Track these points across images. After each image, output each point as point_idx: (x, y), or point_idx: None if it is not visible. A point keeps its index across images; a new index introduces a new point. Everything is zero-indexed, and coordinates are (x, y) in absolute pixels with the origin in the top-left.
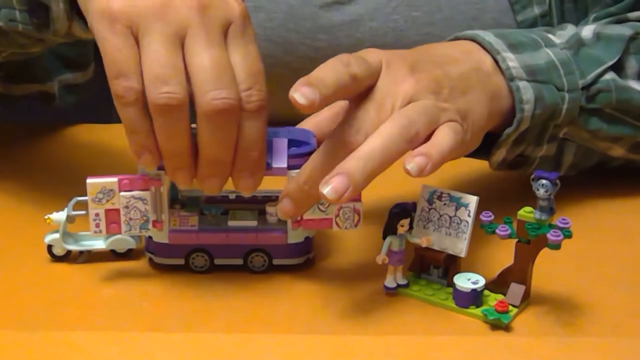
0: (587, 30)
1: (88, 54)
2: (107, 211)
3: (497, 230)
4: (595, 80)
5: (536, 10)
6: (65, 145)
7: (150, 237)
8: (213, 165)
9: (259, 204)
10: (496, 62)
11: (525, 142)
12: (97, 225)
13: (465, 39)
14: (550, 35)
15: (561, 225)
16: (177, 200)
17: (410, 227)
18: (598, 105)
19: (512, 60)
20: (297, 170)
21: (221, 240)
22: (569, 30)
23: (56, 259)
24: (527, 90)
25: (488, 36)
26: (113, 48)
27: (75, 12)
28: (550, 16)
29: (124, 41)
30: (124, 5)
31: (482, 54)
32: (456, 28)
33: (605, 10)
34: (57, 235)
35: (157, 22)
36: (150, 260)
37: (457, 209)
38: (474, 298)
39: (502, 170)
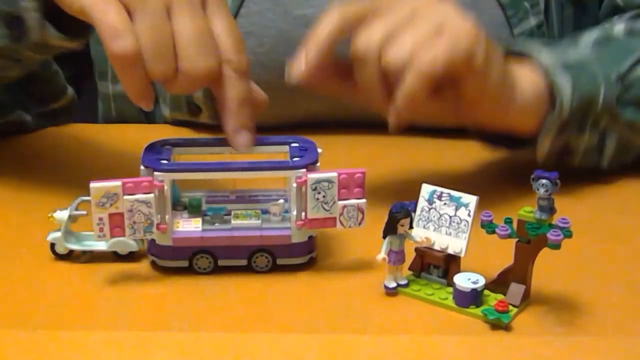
0: (618, 28)
1: (59, 87)
2: (110, 215)
3: (497, 230)
4: (629, 70)
5: (532, 22)
6: (70, 145)
7: (152, 240)
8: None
9: (261, 204)
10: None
11: (568, 130)
12: (101, 230)
13: None
14: (575, 44)
15: (561, 225)
16: (180, 202)
17: (410, 227)
18: (633, 96)
19: (546, 55)
20: (302, 170)
21: (225, 241)
22: (593, 33)
23: (59, 257)
24: (563, 77)
25: (519, 42)
26: (106, 15)
27: (48, 20)
28: (547, 25)
29: (115, 8)
30: None
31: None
32: None
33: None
34: (59, 234)
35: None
36: (153, 263)
37: (457, 209)
38: (474, 298)
39: (549, 163)
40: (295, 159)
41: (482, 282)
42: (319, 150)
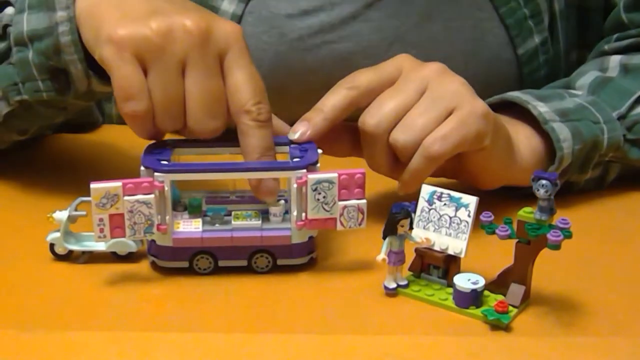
0: (614, 62)
1: (94, 118)
2: (111, 216)
3: (497, 231)
4: (629, 110)
5: (536, 40)
6: (70, 145)
7: (152, 241)
8: None
9: (261, 204)
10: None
11: (570, 173)
12: (102, 231)
13: (495, 103)
14: (571, 90)
15: (561, 225)
16: (180, 203)
17: (410, 228)
18: (636, 137)
19: (542, 107)
20: (302, 171)
21: (225, 242)
22: (588, 76)
23: (58, 258)
24: (562, 130)
25: (514, 93)
26: (122, 75)
27: (91, 69)
28: (552, 38)
29: (131, 68)
30: (129, 32)
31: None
32: (454, 65)
33: (626, 32)
34: (58, 234)
35: (160, 55)
36: (153, 263)
37: (457, 209)
38: (473, 298)
39: None
40: (295, 159)
41: (482, 282)
42: (319, 151)
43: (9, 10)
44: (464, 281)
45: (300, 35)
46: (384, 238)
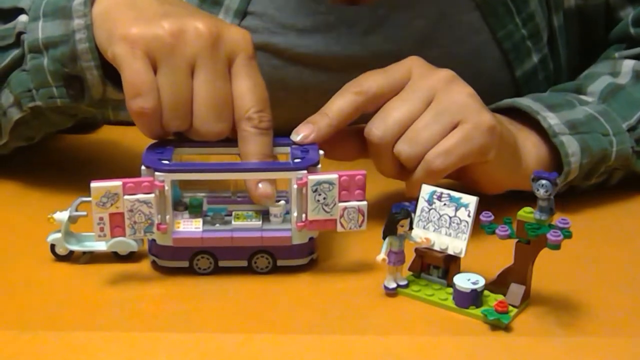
0: (626, 67)
1: (96, 120)
2: (111, 215)
3: (496, 231)
4: (639, 122)
5: (535, 59)
6: (71, 145)
7: (153, 240)
8: None
9: (262, 205)
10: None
11: (576, 181)
12: (102, 230)
13: (505, 107)
14: (582, 96)
15: (561, 225)
16: (181, 203)
17: (410, 228)
18: None
19: (552, 118)
20: (303, 172)
21: (226, 242)
22: (600, 82)
23: (59, 258)
24: (571, 143)
25: (525, 101)
26: (132, 71)
27: (107, 76)
28: (553, 52)
29: (142, 64)
30: (142, 31)
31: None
32: None
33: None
34: (59, 235)
35: (171, 54)
36: (154, 262)
37: (457, 209)
38: (473, 298)
39: None
40: (296, 160)
41: (482, 282)
42: (321, 152)
43: (23, 17)
44: (464, 281)
45: (297, 53)
46: (384, 238)
